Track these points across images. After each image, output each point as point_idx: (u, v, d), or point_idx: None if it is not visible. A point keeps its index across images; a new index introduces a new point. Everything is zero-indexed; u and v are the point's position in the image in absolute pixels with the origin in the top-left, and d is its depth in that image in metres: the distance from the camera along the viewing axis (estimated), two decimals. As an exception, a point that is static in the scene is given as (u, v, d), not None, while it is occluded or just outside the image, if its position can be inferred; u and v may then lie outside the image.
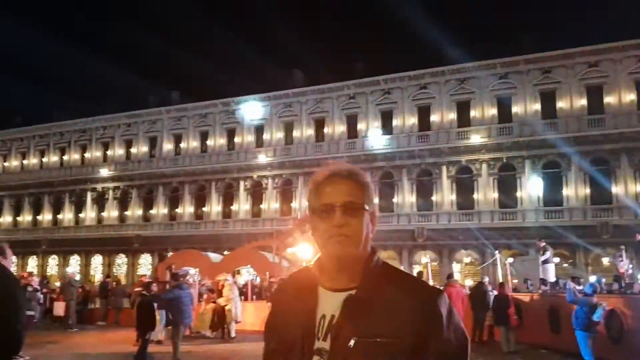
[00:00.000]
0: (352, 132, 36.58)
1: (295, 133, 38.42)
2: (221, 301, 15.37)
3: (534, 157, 31.56)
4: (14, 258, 4.70)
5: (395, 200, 34.36)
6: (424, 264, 29.32)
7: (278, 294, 1.70)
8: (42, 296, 12.36)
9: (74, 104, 48.76)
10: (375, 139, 35.11)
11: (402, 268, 2.10)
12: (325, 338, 1.42)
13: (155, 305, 11.00)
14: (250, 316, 17.16)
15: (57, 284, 24.15)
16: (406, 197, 34.14)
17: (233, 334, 14.79)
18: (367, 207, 1.49)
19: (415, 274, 18.58)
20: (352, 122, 36.82)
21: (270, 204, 37.96)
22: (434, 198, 33.57)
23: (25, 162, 47.66)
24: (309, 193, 1.54)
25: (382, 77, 35.64)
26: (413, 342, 1.36)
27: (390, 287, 1.43)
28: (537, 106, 32.03)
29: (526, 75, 32.32)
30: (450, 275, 15.91)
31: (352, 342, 1.35)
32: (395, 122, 35.30)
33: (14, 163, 47.99)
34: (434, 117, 34.32)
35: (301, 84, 38.72)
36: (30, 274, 13.30)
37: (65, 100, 59.28)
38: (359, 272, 1.46)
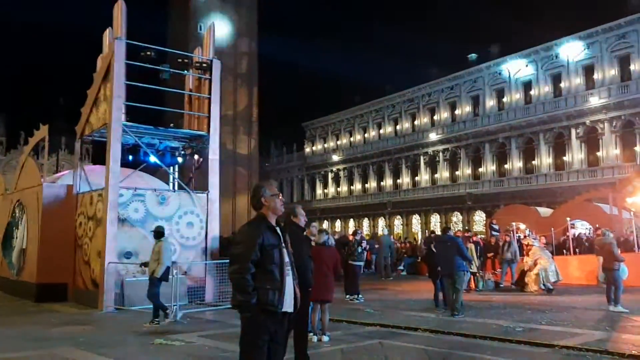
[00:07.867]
0: None
1: (634, 67, 33.64)
2: (527, 262, 15.07)
3: None
4: (302, 218, 6.20)
5: None
6: None
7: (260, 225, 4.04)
8: (362, 250, 14.50)
9: (400, 76, 52.64)
10: None
11: None
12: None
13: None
14: (574, 270, 16.50)
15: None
16: None
17: (550, 287, 14.30)
18: None
19: None
20: None
21: (609, 150, 34.29)
22: None
23: (366, 135, 53.79)
24: (266, 188, 4.05)
25: None
26: None
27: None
28: None
29: None
30: None
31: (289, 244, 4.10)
32: None
33: (357, 137, 54.65)
34: None
35: (637, 9, 33.54)
36: (354, 232, 15.58)
37: (393, 74, 64.17)
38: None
